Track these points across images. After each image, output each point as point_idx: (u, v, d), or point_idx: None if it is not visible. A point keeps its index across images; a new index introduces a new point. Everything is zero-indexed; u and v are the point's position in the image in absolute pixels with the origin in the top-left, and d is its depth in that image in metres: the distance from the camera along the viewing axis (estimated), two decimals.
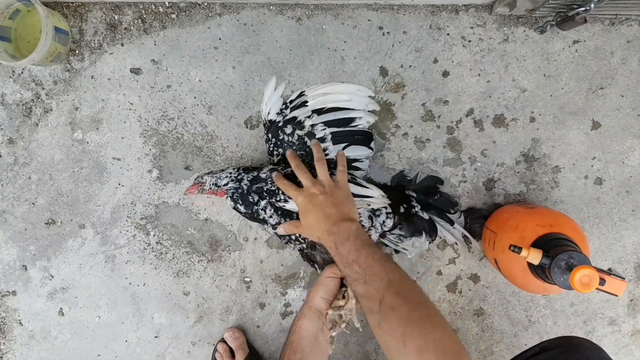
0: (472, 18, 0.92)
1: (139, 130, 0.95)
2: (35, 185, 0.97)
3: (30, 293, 0.99)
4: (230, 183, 0.83)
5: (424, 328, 0.55)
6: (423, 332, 0.54)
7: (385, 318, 0.58)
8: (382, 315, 0.59)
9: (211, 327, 0.99)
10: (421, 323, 0.56)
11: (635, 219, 0.95)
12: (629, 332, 0.97)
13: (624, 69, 0.92)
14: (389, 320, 0.57)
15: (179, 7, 0.92)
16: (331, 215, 0.72)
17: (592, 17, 0.89)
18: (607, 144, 0.94)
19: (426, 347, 0.53)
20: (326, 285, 0.81)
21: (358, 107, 0.90)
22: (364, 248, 0.66)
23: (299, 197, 0.76)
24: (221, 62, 0.93)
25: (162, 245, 0.98)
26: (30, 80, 0.94)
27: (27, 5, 0.88)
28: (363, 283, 0.63)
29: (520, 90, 0.93)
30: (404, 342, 0.55)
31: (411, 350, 0.54)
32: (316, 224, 0.73)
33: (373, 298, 0.61)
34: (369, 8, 0.92)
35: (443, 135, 0.94)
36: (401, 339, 0.55)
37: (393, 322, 0.57)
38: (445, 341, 0.54)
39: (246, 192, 0.83)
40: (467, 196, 0.95)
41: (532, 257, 0.70)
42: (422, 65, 0.93)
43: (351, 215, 0.74)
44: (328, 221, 0.72)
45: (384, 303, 0.59)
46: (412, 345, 0.54)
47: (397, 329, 0.56)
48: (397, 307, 0.58)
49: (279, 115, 0.86)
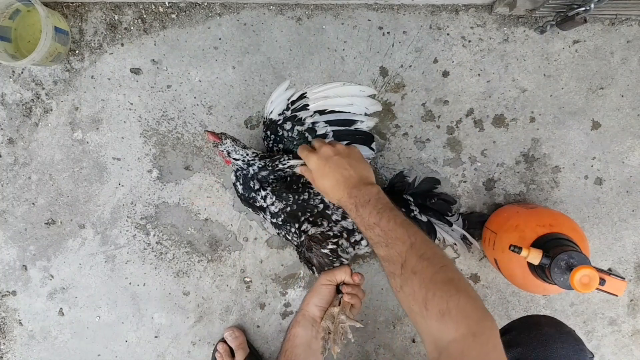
0: (472, 18, 0.92)
1: (139, 130, 0.95)
2: (35, 185, 0.97)
3: (30, 293, 0.99)
4: (240, 162, 0.82)
5: (447, 291, 0.54)
6: (445, 295, 0.54)
7: (407, 281, 0.58)
8: (404, 279, 0.58)
9: (211, 327, 0.99)
10: (444, 286, 0.55)
11: (635, 219, 0.95)
12: (629, 332, 0.97)
13: (624, 69, 0.92)
14: (411, 283, 0.57)
15: (179, 7, 0.92)
16: (350, 177, 0.70)
17: (592, 17, 0.89)
18: (607, 144, 0.94)
19: (448, 310, 0.53)
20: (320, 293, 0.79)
21: (359, 111, 0.88)
22: (385, 211, 0.65)
23: (312, 158, 0.73)
24: (221, 62, 0.93)
25: (162, 245, 0.98)
26: (30, 80, 0.94)
27: (27, 5, 0.88)
28: (385, 246, 0.62)
29: (520, 90, 0.93)
30: (426, 306, 0.54)
31: (433, 313, 0.53)
32: (336, 186, 0.70)
33: (395, 261, 0.60)
34: (369, 8, 0.92)
35: (443, 135, 0.94)
36: (423, 302, 0.55)
37: (415, 286, 0.56)
38: (468, 305, 0.53)
39: (250, 177, 0.83)
40: (467, 196, 0.95)
41: (532, 257, 0.70)
42: (422, 65, 0.93)
43: (371, 179, 0.73)
44: (348, 184, 0.69)
45: (406, 266, 0.58)
46: (435, 308, 0.53)
47: (419, 292, 0.55)
48: (419, 271, 0.57)
49: (280, 115, 0.85)
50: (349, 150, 0.74)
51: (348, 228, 0.83)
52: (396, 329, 0.98)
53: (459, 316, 0.52)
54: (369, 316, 0.98)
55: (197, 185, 0.96)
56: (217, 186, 0.96)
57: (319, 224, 0.81)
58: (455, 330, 0.52)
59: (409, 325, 0.98)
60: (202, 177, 0.96)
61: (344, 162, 0.71)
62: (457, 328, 0.52)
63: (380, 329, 0.98)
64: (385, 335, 0.99)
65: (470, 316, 0.52)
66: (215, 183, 0.96)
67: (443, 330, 0.52)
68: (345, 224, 0.83)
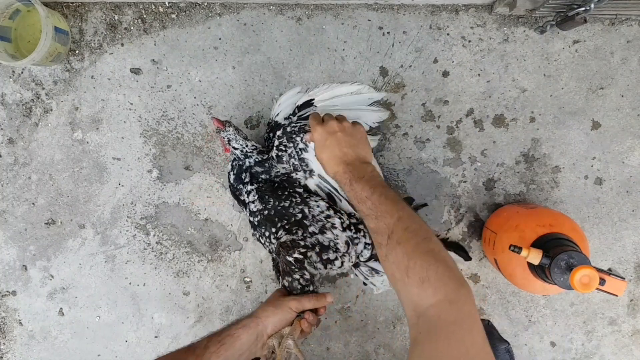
0: (472, 18, 0.92)
1: (139, 130, 0.95)
2: (35, 185, 0.97)
3: (30, 293, 0.99)
4: (238, 152, 0.82)
5: (427, 260, 0.58)
6: (425, 264, 0.58)
7: (392, 251, 0.62)
8: (390, 248, 0.63)
9: (211, 327, 0.99)
10: (425, 256, 0.59)
11: (635, 219, 0.95)
12: (629, 332, 0.97)
13: (624, 69, 0.92)
14: (395, 253, 0.62)
15: (179, 7, 0.92)
16: (347, 154, 0.74)
17: (592, 17, 0.89)
18: (607, 144, 0.94)
19: (428, 278, 0.57)
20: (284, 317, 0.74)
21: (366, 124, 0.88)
22: (377, 187, 0.69)
23: (318, 128, 0.76)
24: (221, 62, 0.93)
25: (162, 245, 0.98)
26: (30, 80, 0.94)
27: (27, 5, 0.88)
28: (374, 219, 0.67)
29: (520, 90, 0.93)
30: (407, 274, 0.59)
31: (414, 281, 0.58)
32: (332, 160, 0.74)
33: (382, 233, 0.65)
34: (369, 8, 0.92)
35: (443, 135, 0.94)
36: (405, 270, 0.59)
37: (399, 255, 0.61)
38: (446, 273, 0.57)
39: (244, 169, 0.83)
40: (467, 196, 0.95)
41: (532, 257, 0.70)
42: (422, 65, 0.93)
43: (367, 159, 0.76)
44: (343, 160, 0.73)
45: (392, 237, 0.63)
46: (415, 276, 0.58)
47: (402, 261, 0.60)
48: (403, 242, 0.62)
49: (286, 119, 0.84)
50: (354, 129, 0.76)
51: (323, 243, 0.79)
52: (396, 329, 0.98)
53: (437, 283, 0.57)
54: (369, 316, 0.98)
55: (197, 185, 0.96)
56: (217, 186, 0.96)
57: (293, 232, 0.79)
58: (433, 296, 0.56)
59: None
60: (202, 177, 0.96)
61: (346, 139, 0.74)
62: (435, 294, 0.56)
63: (380, 329, 0.98)
64: (385, 335, 0.99)
65: (448, 284, 0.57)
66: (215, 183, 0.96)
67: (422, 296, 0.57)
68: (321, 238, 0.79)
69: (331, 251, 0.80)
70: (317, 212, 0.81)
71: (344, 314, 0.98)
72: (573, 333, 0.97)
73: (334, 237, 0.80)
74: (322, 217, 0.81)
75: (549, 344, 0.97)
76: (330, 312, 0.98)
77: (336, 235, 0.80)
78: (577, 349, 0.98)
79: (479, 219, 0.96)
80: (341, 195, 0.85)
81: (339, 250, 0.80)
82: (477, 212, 0.96)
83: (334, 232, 0.80)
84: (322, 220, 0.80)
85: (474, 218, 0.96)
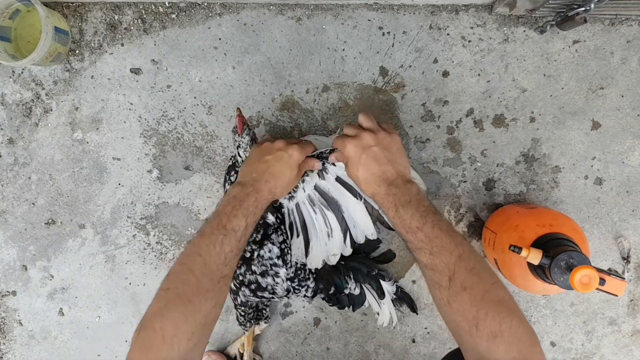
0: (472, 18, 0.92)
1: (139, 130, 0.95)
2: (35, 185, 0.97)
3: (30, 293, 0.99)
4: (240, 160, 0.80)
5: (499, 312, 0.52)
6: (498, 316, 0.52)
7: (456, 297, 0.55)
8: (453, 293, 0.55)
9: None
10: (496, 307, 0.53)
11: (635, 219, 0.95)
12: (629, 332, 0.97)
13: (624, 69, 0.92)
14: (461, 300, 0.54)
15: (179, 7, 0.92)
16: (387, 172, 0.65)
17: (592, 17, 0.89)
18: (607, 144, 0.94)
19: (501, 333, 0.51)
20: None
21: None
22: (429, 215, 0.60)
23: (350, 144, 0.67)
24: (221, 62, 0.93)
25: (162, 245, 0.98)
26: (30, 80, 0.94)
27: (27, 5, 0.88)
28: (429, 254, 0.59)
29: (520, 90, 0.93)
30: (477, 325, 0.52)
31: (484, 334, 0.52)
32: (371, 179, 0.65)
33: (441, 272, 0.57)
34: (369, 8, 0.92)
35: (443, 135, 0.94)
36: (474, 321, 0.53)
37: (466, 303, 0.54)
38: (521, 329, 0.52)
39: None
40: (467, 196, 0.95)
41: (532, 257, 0.70)
42: (422, 65, 0.93)
43: (408, 175, 0.67)
44: (384, 179, 0.65)
45: (455, 280, 0.56)
46: (486, 329, 0.52)
47: (470, 311, 0.53)
48: (470, 287, 0.55)
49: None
50: (391, 140, 0.67)
51: (261, 284, 0.79)
52: (396, 329, 0.98)
53: (511, 339, 0.51)
54: (369, 316, 0.98)
55: (197, 185, 0.96)
56: (217, 186, 0.96)
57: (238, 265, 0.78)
58: (506, 353, 0.51)
59: (408, 326, 0.98)
60: (202, 177, 0.96)
61: (383, 154, 0.65)
62: (508, 351, 0.51)
63: (380, 329, 0.98)
64: (385, 335, 0.99)
65: (523, 340, 0.51)
66: (215, 183, 0.96)
67: (492, 352, 0.51)
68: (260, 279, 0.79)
69: (267, 292, 0.81)
70: (266, 256, 0.79)
71: (344, 314, 0.98)
72: (573, 333, 0.97)
73: (274, 283, 0.80)
74: (268, 263, 0.79)
75: (549, 344, 0.97)
76: (330, 312, 0.98)
77: (276, 282, 0.80)
78: (577, 349, 0.98)
79: (479, 219, 0.96)
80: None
81: (276, 294, 0.82)
82: (477, 212, 0.96)
83: (275, 279, 0.80)
84: (266, 266, 0.79)
85: (474, 218, 0.96)
